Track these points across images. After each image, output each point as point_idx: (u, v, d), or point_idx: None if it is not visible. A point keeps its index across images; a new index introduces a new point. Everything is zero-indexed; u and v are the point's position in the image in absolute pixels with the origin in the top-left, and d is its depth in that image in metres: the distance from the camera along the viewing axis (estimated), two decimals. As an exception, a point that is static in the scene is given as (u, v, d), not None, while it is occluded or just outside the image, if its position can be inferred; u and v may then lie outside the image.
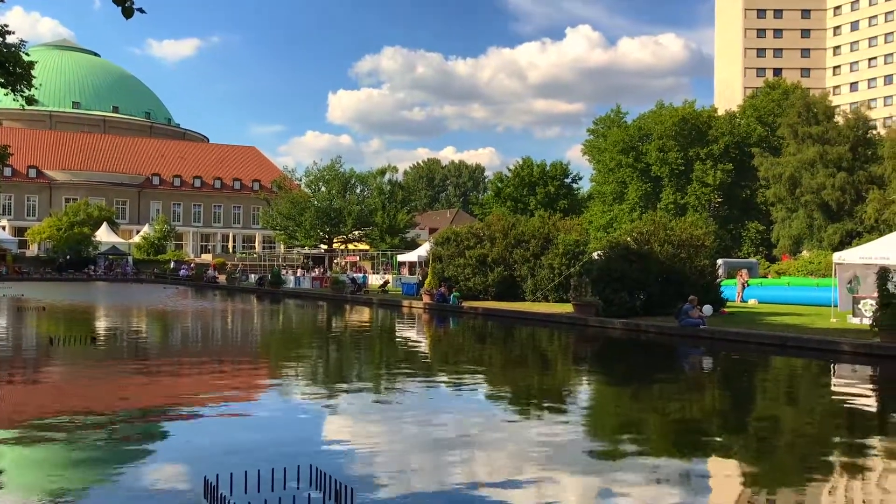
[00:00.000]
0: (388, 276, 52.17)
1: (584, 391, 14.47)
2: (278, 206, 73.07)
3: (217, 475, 6.90)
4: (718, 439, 10.21)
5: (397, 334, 25.73)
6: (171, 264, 75.15)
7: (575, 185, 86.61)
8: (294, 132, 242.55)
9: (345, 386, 14.00)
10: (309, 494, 6.67)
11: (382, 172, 74.85)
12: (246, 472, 7.08)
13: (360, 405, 11.95)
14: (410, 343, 23.13)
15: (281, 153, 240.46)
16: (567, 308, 28.53)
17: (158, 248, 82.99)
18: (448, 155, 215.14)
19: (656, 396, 13.57)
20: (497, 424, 10.62)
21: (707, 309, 24.45)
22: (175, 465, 8.18)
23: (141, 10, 6.71)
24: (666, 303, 25.59)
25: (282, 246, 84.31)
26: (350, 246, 75.90)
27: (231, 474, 7.00)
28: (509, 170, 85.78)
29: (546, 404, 12.51)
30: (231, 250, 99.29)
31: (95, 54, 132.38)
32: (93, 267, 73.99)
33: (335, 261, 70.17)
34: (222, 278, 62.84)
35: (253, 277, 59.42)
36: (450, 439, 9.46)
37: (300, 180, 75.03)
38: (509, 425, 10.65)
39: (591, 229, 60.10)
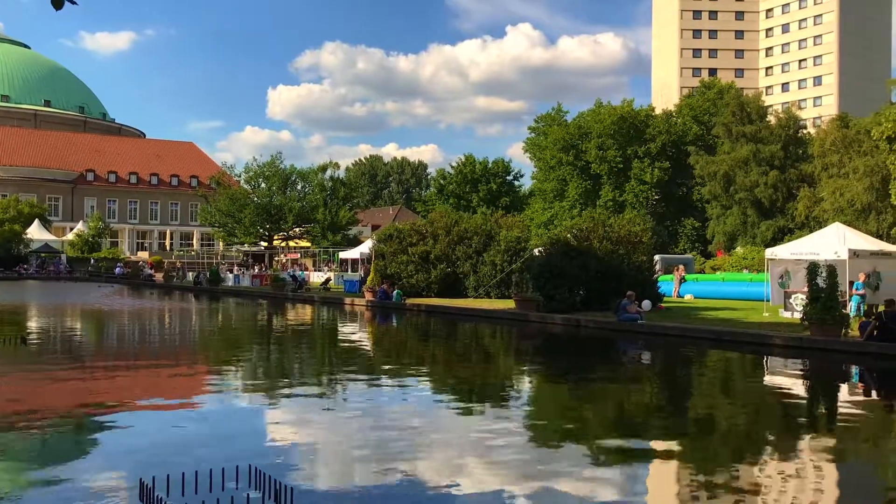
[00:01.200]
0: (330, 274, 51.77)
1: (525, 386, 14.60)
2: (217, 202, 71.85)
3: (153, 477, 6.76)
4: (658, 431, 10.40)
5: (339, 332, 25.58)
6: (92, 262, 73.06)
7: (516, 183, 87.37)
8: (233, 128, 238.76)
9: (286, 385, 13.86)
10: (248, 495, 6.59)
11: (324, 169, 74.25)
12: (183, 473, 6.96)
13: (301, 404, 11.85)
14: (353, 341, 23.02)
15: (220, 149, 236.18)
16: (509, 304, 28.76)
17: (93, 245, 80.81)
18: (390, 151, 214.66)
19: (596, 390, 13.77)
20: (440, 421, 10.65)
21: (645, 304, 24.93)
22: (109, 466, 7.98)
23: (72, 1, 6.48)
24: (605, 298, 25.99)
25: (221, 243, 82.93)
26: (291, 243, 75.10)
27: (168, 475, 6.87)
28: (452, 167, 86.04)
29: (488, 400, 12.60)
30: (168, 248, 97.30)
31: (25, 46, 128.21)
32: (24, 265, 71.67)
33: (276, 258, 69.33)
34: (159, 276, 61.56)
35: (191, 275, 58.34)
36: (392, 437, 9.45)
37: (239, 176, 73.95)
38: (452, 422, 10.69)
39: (532, 226, 60.58)
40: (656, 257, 35.23)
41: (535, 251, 31.93)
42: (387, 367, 16.79)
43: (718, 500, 7.27)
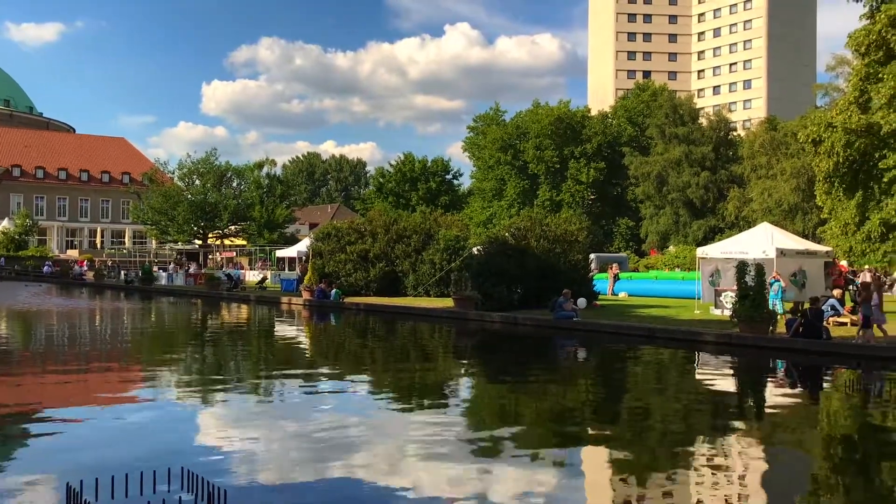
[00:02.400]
0: (267, 273, 51.12)
1: (464, 384, 14.68)
2: (149, 199, 70.28)
3: (81, 480, 6.58)
4: (594, 426, 10.57)
5: (276, 332, 25.30)
6: (2, 261, 70.40)
7: (456, 182, 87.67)
8: (166, 123, 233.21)
9: (220, 386, 13.65)
10: (180, 497, 6.48)
11: (260, 166, 73.26)
12: (113, 476, 6.80)
13: (236, 405, 11.69)
14: (289, 341, 22.80)
15: (152, 145, 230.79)
16: (448, 302, 28.84)
17: (20, 243, 78.11)
18: (328, 149, 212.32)
19: (533, 387, 13.92)
20: (377, 421, 10.63)
21: (581, 302, 25.31)
22: (35, 471, 7.75)
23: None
24: (542, 296, 26.28)
25: (154, 241, 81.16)
26: (226, 241, 73.95)
27: (97, 479, 6.69)
28: (391, 165, 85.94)
29: (426, 399, 12.62)
30: (99, 246, 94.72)
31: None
32: (-56, 264, 68.81)
33: (210, 256, 68.19)
34: (90, 275, 59.90)
35: (123, 274, 56.91)
36: (329, 438, 9.40)
37: (173, 173, 72.47)
38: (389, 422, 10.68)
39: (471, 225, 60.94)
40: (592, 256, 35.77)
41: (474, 250, 32.11)
42: (324, 366, 16.68)
43: (650, 492, 7.43)
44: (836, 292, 23.33)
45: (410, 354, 19.23)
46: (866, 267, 31.34)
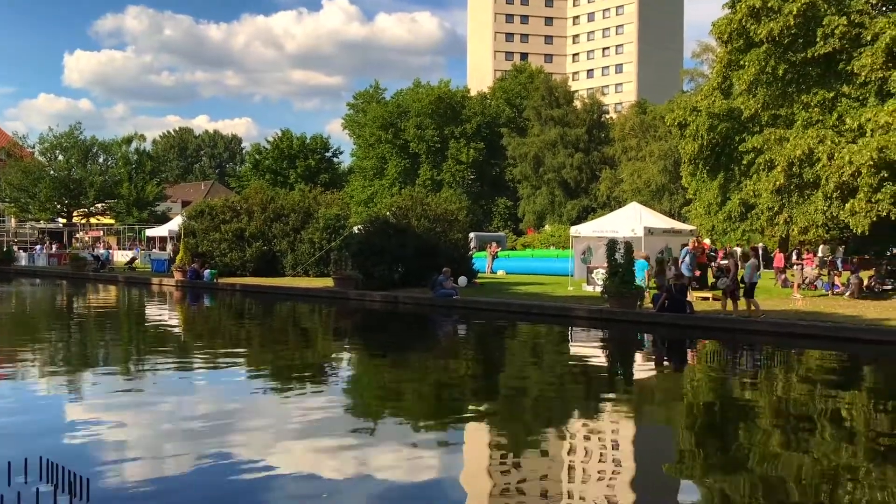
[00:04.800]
0: (136, 252, 49.10)
1: (343, 364, 14.59)
2: (7, 175, 66.04)
3: (-74, 476, 6.13)
4: (473, 402, 10.72)
5: (145, 314, 24.36)
6: None
7: (336, 160, 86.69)
8: (24, 94, 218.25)
9: (84, 371, 13.04)
10: (38, 489, 6.12)
11: (128, 141, 70.04)
12: (-38, 470, 6.36)
13: (101, 391, 11.19)
14: (159, 323, 21.99)
15: (9, 117, 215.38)
16: (328, 282, 28.58)
17: None
18: (201, 124, 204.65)
19: (413, 365, 14.00)
20: (253, 404, 10.41)
21: (461, 280, 25.63)
22: None
23: None
24: (422, 275, 26.41)
25: (13, 220, 76.40)
26: (93, 220, 70.52)
27: (-56, 474, 6.26)
28: (268, 141, 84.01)
29: (305, 380, 12.47)
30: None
31: None
32: None
33: (76, 236, 64.84)
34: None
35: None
36: (201, 422, 9.14)
37: (33, 148, 68.32)
38: (266, 404, 10.48)
39: (352, 204, 60.44)
40: (471, 235, 36.24)
41: (355, 229, 31.90)
42: (197, 349, 16.19)
43: (528, 464, 7.62)
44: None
45: (289, 335, 18.96)
46: (752, 244, 33.00)
